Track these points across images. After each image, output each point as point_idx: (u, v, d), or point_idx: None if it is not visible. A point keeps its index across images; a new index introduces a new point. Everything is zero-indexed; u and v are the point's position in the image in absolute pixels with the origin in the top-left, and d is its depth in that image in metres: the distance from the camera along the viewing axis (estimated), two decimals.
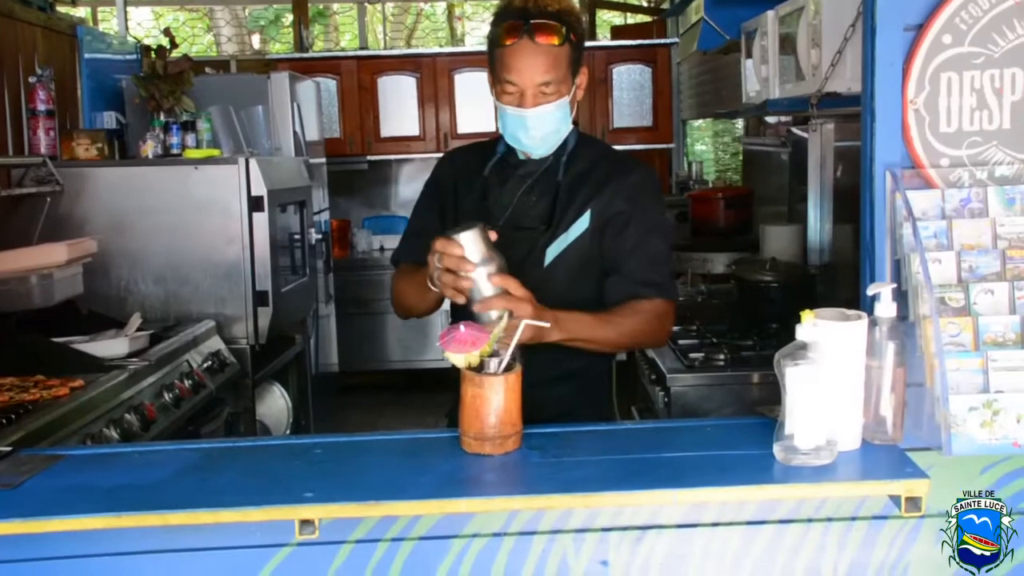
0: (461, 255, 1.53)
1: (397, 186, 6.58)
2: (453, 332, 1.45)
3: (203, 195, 3.23)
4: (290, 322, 3.70)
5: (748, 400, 2.50)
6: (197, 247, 3.24)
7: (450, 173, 1.94)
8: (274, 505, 1.26)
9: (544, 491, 1.30)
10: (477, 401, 1.40)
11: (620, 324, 1.71)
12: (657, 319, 1.74)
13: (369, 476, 1.38)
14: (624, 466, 1.39)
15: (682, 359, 2.66)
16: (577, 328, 1.63)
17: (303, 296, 3.85)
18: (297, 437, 1.99)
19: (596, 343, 1.68)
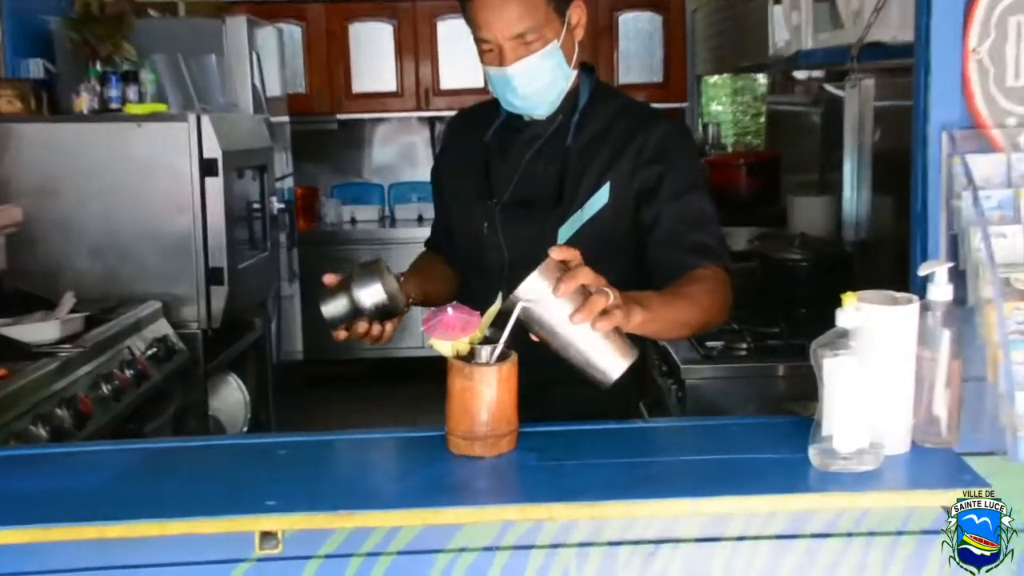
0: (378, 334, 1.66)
1: (371, 149, 6.56)
2: (439, 316, 1.44)
3: (147, 157, 3.21)
4: (248, 304, 3.69)
5: (773, 396, 2.50)
6: (140, 217, 3.22)
7: (452, 141, 1.98)
8: (230, 515, 1.26)
9: (543, 499, 1.30)
10: (466, 395, 1.39)
11: (694, 297, 1.64)
12: (724, 288, 1.70)
13: (340, 481, 1.38)
14: (635, 471, 1.38)
15: (698, 348, 2.66)
16: (659, 307, 1.54)
17: (263, 274, 3.84)
18: (257, 436, 2.00)
19: (680, 325, 1.61)
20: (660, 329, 1.53)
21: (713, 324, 1.69)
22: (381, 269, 1.64)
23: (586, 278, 1.36)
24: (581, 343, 1.39)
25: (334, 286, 1.65)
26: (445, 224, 1.98)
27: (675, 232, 1.72)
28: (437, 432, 1.48)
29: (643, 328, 1.45)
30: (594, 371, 1.41)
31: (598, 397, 1.81)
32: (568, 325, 1.37)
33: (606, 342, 1.39)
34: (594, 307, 1.35)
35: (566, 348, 1.39)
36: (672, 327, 1.58)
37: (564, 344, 1.39)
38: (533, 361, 1.47)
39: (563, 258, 1.37)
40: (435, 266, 1.99)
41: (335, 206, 6.24)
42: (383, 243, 5.88)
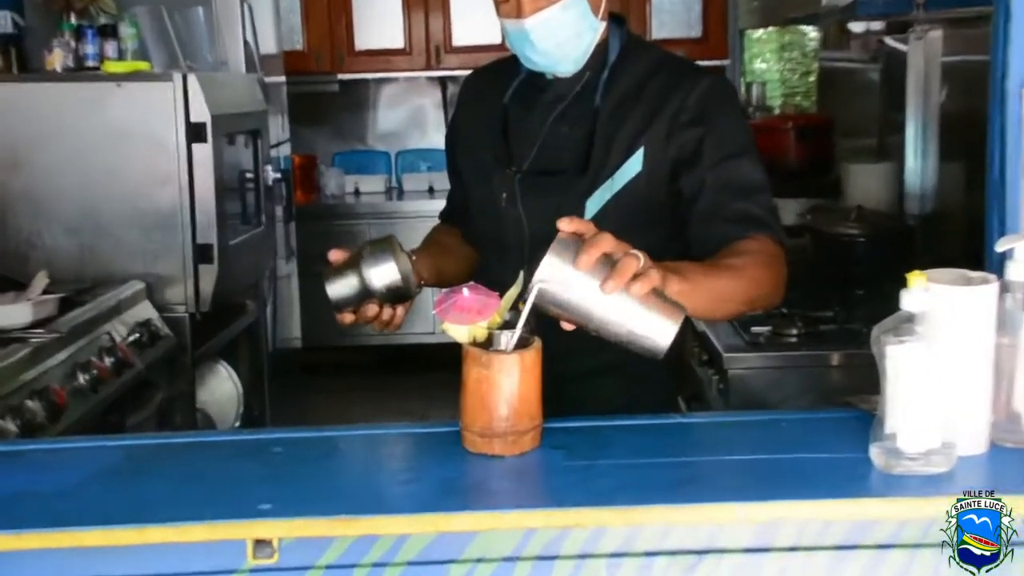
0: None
1: (376, 113, 6.56)
2: (453, 297, 1.44)
3: (127, 121, 3.21)
4: (240, 285, 3.71)
5: (827, 388, 2.50)
6: (120, 188, 3.23)
7: (466, 103, 1.99)
8: (220, 520, 1.25)
9: (570, 503, 1.29)
10: (484, 386, 1.39)
11: (741, 269, 1.62)
12: (776, 262, 1.69)
13: (342, 483, 1.38)
14: (674, 472, 1.38)
15: (742, 334, 2.66)
16: (699, 278, 1.53)
17: (257, 252, 3.85)
18: (250, 431, 2.00)
19: (723, 300, 1.60)
20: (701, 304, 1.50)
21: (763, 302, 1.68)
22: (394, 247, 1.65)
23: (608, 245, 1.35)
24: (620, 315, 1.37)
25: (341, 264, 1.65)
26: (461, 195, 1.98)
27: (718, 202, 1.71)
28: (451, 428, 1.47)
29: (680, 300, 1.43)
30: (643, 341, 1.39)
31: (631, 390, 1.83)
32: (600, 299, 1.35)
33: (647, 307, 1.37)
34: (625, 271, 1.33)
35: (605, 325, 1.38)
36: (714, 302, 1.56)
37: (601, 322, 1.37)
38: (558, 352, 1.47)
39: (574, 230, 1.36)
40: (450, 242, 2.00)
41: (336, 176, 6.25)
42: (389, 217, 5.89)
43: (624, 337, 1.39)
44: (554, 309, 1.37)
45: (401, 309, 1.69)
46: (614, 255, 1.35)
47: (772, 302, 1.71)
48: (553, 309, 1.37)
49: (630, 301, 1.36)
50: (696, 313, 1.55)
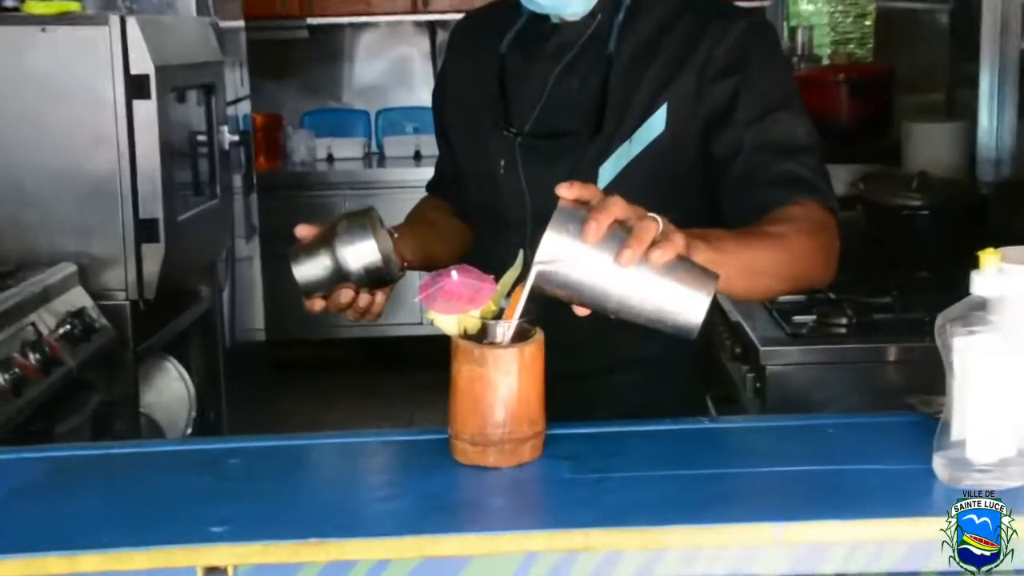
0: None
1: (352, 65, 6.55)
2: (441, 282, 1.44)
3: (55, 73, 3.20)
4: (192, 267, 3.71)
5: (884, 387, 2.50)
6: (47, 152, 3.22)
7: (457, 53, 1.99)
8: (165, 545, 1.25)
9: (578, 523, 1.29)
10: (476, 386, 1.39)
11: (782, 238, 1.62)
12: (826, 232, 1.69)
13: (311, 500, 1.38)
14: (700, 486, 1.38)
15: (782, 324, 2.66)
16: (731, 247, 1.53)
17: (211, 228, 3.85)
18: (202, 440, 2.00)
19: (760, 274, 1.59)
20: (733, 278, 1.49)
21: (809, 279, 1.68)
22: (373, 222, 1.65)
23: (619, 210, 1.34)
24: (642, 291, 1.36)
25: (311, 242, 1.65)
26: (451, 163, 1.99)
27: (757, 163, 1.71)
28: (439, 435, 1.47)
29: (695, 253, 1.42)
30: (672, 319, 1.38)
31: (650, 390, 1.84)
32: (617, 275, 1.34)
33: (673, 278, 1.36)
34: (643, 237, 1.32)
35: (625, 305, 1.37)
36: (749, 277, 1.56)
37: (621, 301, 1.36)
38: (564, 345, 1.47)
39: (577, 197, 1.35)
40: (439, 218, 2.01)
41: (306, 139, 6.24)
42: (368, 188, 5.89)
43: (650, 316, 1.38)
44: (562, 292, 1.37)
45: (381, 295, 1.69)
46: (627, 221, 1.34)
47: (820, 280, 1.71)
48: (561, 292, 1.37)
49: (652, 273, 1.35)
50: (727, 289, 1.54)
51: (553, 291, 1.37)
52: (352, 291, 1.65)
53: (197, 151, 3.70)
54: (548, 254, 1.34)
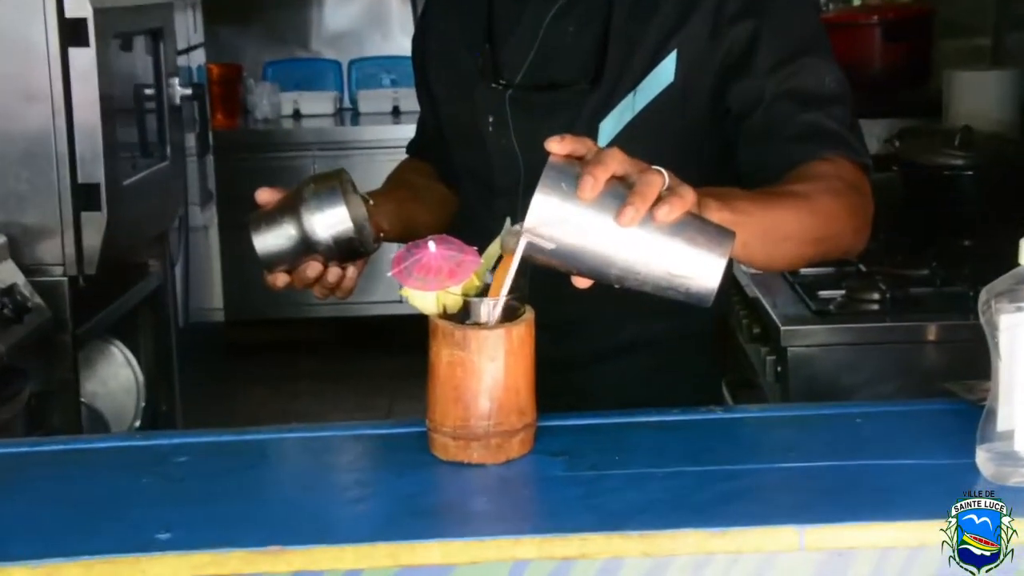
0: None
1: (321, 9, 6.52)
2: (416, 254, 1.44)
3: None
4: (140, 239, 3.71)
5: (920, 371, 2.50)
6: None
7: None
8: (103, 555, 1.24)
9: (574, 527, 1.29)
10: (458, 373, 1.39)
11: (806, 198, 1.61)
12: (857, 192, 1.68)
13: (271, 502, 1.38)
14: (712, 485, 1.38)
15: (807, 300, 2.66)
16: (747, 207, 1.52)
17: (161, 194, 3.86)
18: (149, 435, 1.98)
19: (781, 238, 1.59)
20: (752, 244, 1.49)
21: (838, 245, 1.67)
22: (345, 185, 1.64)
23: (616, 163, 1.33)
24: (647, 254, 1.35)
25: (274, 208, 1.65)
26: (434, 120, 2.00)
27: (780, 115, 1.71)
28: (417, 428, 1.47)
29: (709, 212, 1.41)
30: (682, 285, 1.37)
31: (656, 376, 1.84)
32: (618, 238, 1.33)
33: (683, 239, 1.35)
34: (646, 192, 1.31)
35: (631, 272, 1.36)
36: (769, 241, 1.55)
37: (623, 268, 1.36)
38: (558, 325, 1.47)
39: (569, 152, 1.34)
40: (420, 183, 2.02)
41: (269, 93, 6.22)
42: (341, 148, 5.88)
43: (658, 283, 1.37)
44: (557, 261, 1.36)
45: (353, 269, 1.69)
46: (628, 176, 1.34)
47: (850, 247, 1.71)
48: (556, 261, 1.36)
49: (658, 233, 1.34)
50: (745, 258, 1.54)
51: (546, 260, 1.36)
52: (320, 264, 1.64)
53: (144, 107, 3.69)
54: (537, 216, 1.33)
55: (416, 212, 1.91)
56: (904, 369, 2.50)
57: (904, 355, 2.52)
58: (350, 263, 1.68)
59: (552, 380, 1.47)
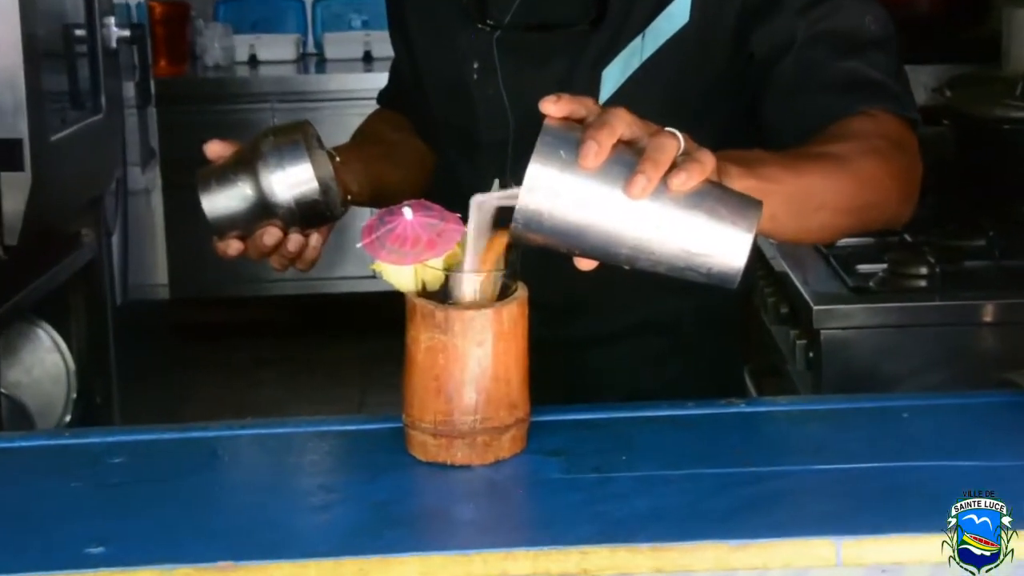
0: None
1: None
2: (390, 222, 1.44)
3: None
4: (70, 204, 3.70)
5: (977, 357, 2.51)
6: None
7: None
8: (24, 573, 1.24)
9: (573, 539, 1.29)
10: (439, 359, 1.40)
11: (842, 160, 1.60)
12: (901, 151, 1.68)
13: (223, 510, 1.39)
14: (733, 490, 1.39)
15: (843, 275, 2.67)
16: (774, 171, 1.52)
17: (95, 153, 3.86)
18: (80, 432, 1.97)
19: (815, 207, 1.59)
20: (781, 215, 1.50)
21: (882, 215, 1.68)
22: (309, 139, 1.65)
23: (625, 125, 1.32)
24: (661, 230, 1.34)
25: (226, 164, 1.65)
26: (410, 66, 2.00)
27: (813, 62, 1.71)
28: (392, 424, 1.48)
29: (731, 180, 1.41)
30: (703, 265, 1.36)
31: (670, 363, 1.84)
32: (627, 211, 1.32)
33: (703, 211, 1.34)
34: (659, 158, 1.30)
35: (642, 252, 1.35)
36: (802, 212, 1.56)
37: (634, 247, 1.35)
38: (555, 305, 1.46)
39: (568, 113, 1.34)
40: (394, 137, 2.03)
41: (221, 36, 6.22)
42: (304, 99, 5.89)
43: (674, 263, 1.36)
44: (557, 240, 1.35)
45: (317, 237, 1.69)
46: (637, 141, 1.33)
47: (895, 216, 1.71)
48: (556, 240, 1.36)
49: (673, 205, 1.33)
50: (774, 230, 1.55)
51: (545, 240, 1.35)
52: (279, 230, 1.64)
53: (74, 50, 3.66)
54: (534, 191, 1.32)
55: (389, 172, 1.92)
56: (957, 355, 2.51)
57: (957, 339, 2.53)
58: (313, 229, 1.68)
59: (548, 368, 1.48)
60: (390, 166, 1.94)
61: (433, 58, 1.92)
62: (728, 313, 1.92)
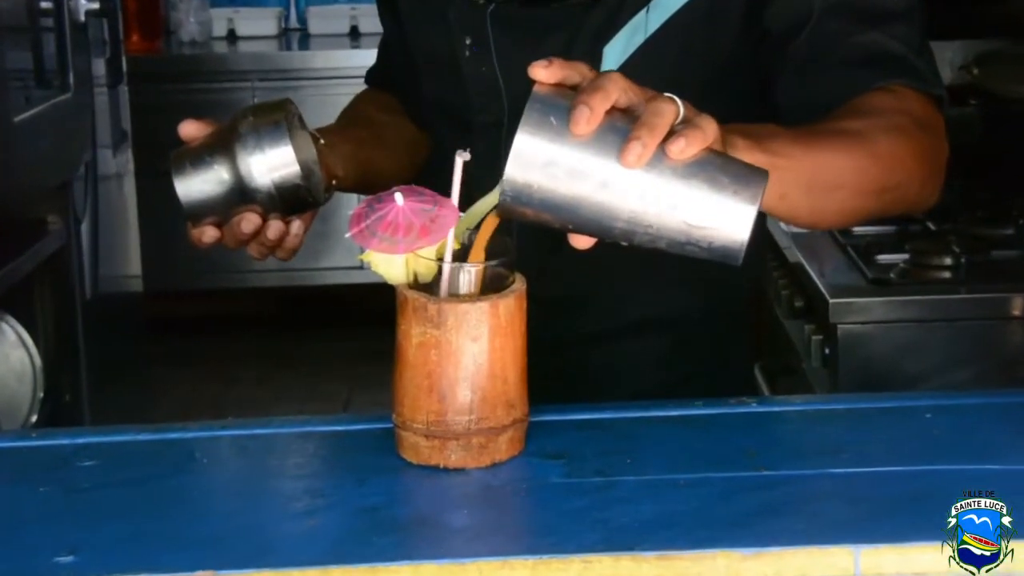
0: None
1: None
2: (381, 209, 1.43)
3: None
4: (36, 189, 3.70)
5: (1005, 353, 2.52)
6: None
7: None
8: None
9: (574, 547, 1.29)
10: (432, 356, 1.40)
11: (860, 137, 1.60)
12: (925, 130, 1.67)
13: (200, 516, 1.39)
14: (744, 494, 1.39)
15: (862, 266, 2.68)
16: (786, 147, 1.52)
17: (63, 134, 3.86)
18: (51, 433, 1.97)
19: (829, 186, 1.58)
20: (794, 194, 1.50)
21: (904, 198, 1.66)
22: (290, 119, 1.65)
23: (619, 90, 1.32)
24: (659, 201, 1.33)
25: (202, 145, 1.65)
26: (400, 43, 2.00)
27: (830, 34, 1.71)
28: (382, 424, 1.49)
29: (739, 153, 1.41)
30: (704, 239, 1.35)
31: (677, 360, 1.84)
32: (623, 181, 1.32)
33: (704, 180, 1.34)
34: (656, 124, 1.30)
35: (639, 226, 1.35)
36: (817, 192, 1.56)
37: (630, 220, 1.34)
38: (555, 297, 1.45)
39: (559, 80, 1.34)
40: (383, 119, 2.03)
41: (197, 10, 6.22)
42: (286, 78, 5.89)
43: (674, 237, 1.35)
44: (550, 215, 1.35)
45: (298, 224, 1.69)
46: (633, 108, 1.33)
47: (918, 199, 1.70)
48: (548, 215, 1.35)
49: (672, 176, 1.33)
50: (787, 212, 1.55)
51: (536, 214, 1.35)
52: (258, 217, 1.64)
53: (39, 24, 3.66)
54: (523, 161, 1.32)
55: (377, 155, 1.92)
56: (983, 351, 2.52)
57: (983, 334, 2.54)
58: (295, 216, 1.67)
59: (548, 366, 1.48)
60: (379, 149, 1.93)
61: (423, 34, 1.92)
62: (738, 307, 1.92)
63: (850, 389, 2.51)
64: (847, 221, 1.88)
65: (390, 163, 1.92)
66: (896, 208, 1.70)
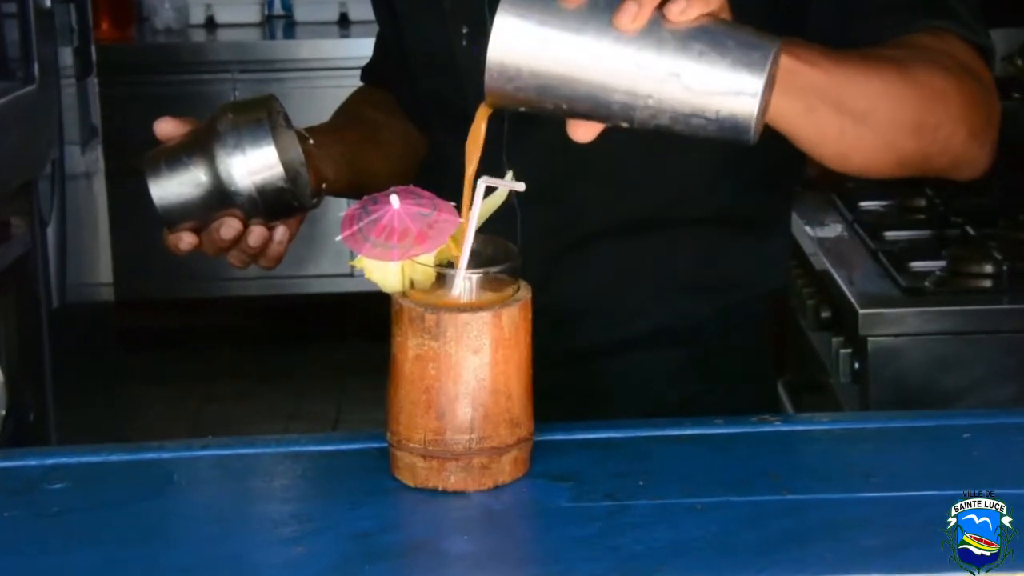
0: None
1: None
2: (375, 212, 1.44)
3: None
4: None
5: None
6: None
7: None
8: None
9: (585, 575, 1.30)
10: (429, 370, 1.40)
11: (898, 64, 1.58)
12: (966, 74, 1.65)
13: (178, 543, 1.39)
14: (766, 519, 1.39)
15: (894, 273, 2.68)
16: (810, 55, 1.51)
17: (26, 131, 3.86)
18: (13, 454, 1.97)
19: (856, 114, 1.56)
20: (819, 107, 1.50)
21: (948, 145, 1.63)
22: (274, 117, 1.65)
23: None
24: (658, 71, 1.33)
25: (179, 145, 1.65)
26: (394, 38, 2.01)
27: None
28: (375, 443, 1.49)
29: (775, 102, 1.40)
30: (708, 111, 1.35)
31: (695, 375, 1.84)
32: (619, 50, 1.31)
33: (707, 44, 1.33)
34: None
35: (637, 100, 1.34)
36: (844, 112, 1.54)
37: (628, 93, 1.34)
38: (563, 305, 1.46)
39: None
40: (378, 118, 2.04)
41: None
42: (270, 70, 5.89)
43: (676, 111, 1.35)
44: (541, 97, 1.36)
45: (283, 231, 1.69)
46: None
47: (963, 153, 1.67)
48: (540, 98, 1.36)
49: (672, 40, 1.32)
50: (809, 129, 1.53)
51: (525, 96, 1.35)
52: (239, 222, 1.64)
53: (0, 11, 3.66)
54: (509, 34, 1.32)
55: (371, 156, 1.92)
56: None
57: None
58: (279, 221, 1.68)
59: (554, 381, 1.49)
60: (372, 150, 1.94)
61: (419, 24, 1.92)
62: (758, 317, 1.92)
63: (881, 407, 2.50)
64: (882, 162, 1.79)
65: (385, 165, 1.92)
66: (940, 158, 1.64)
